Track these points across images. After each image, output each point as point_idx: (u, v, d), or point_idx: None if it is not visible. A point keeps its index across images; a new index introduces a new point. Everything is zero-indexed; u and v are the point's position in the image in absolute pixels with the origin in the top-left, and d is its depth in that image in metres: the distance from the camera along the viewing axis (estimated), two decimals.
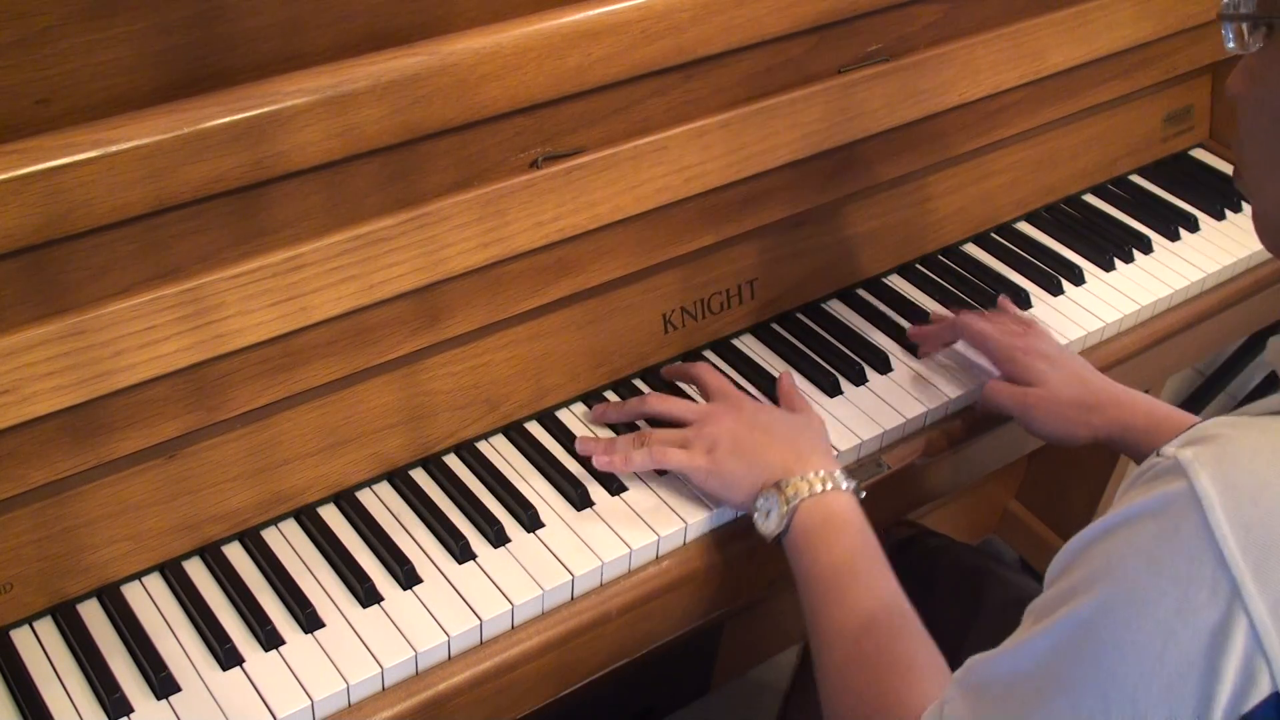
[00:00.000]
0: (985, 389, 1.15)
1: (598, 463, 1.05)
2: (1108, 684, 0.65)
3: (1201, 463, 0.63)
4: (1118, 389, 1.12)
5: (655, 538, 1.02)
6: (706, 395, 1.10)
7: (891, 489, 1.14)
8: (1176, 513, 0.63)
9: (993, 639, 0.73)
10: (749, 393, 1.13)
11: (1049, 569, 0.72)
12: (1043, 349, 1.14)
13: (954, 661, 1.11)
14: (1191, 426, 0.68)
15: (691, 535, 1.04)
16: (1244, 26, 0.71)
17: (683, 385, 1.16)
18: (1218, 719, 0.62)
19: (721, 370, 1.18)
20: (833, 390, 1.17)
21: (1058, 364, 1.13)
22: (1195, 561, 0.62)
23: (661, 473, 1.07)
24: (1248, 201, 0.77)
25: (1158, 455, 0.66)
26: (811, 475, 0.97)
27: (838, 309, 1.28)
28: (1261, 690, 0.61)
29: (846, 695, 0.87)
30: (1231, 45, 0.73)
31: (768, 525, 0.97)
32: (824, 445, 1.05)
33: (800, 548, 0.95)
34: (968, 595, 1.17)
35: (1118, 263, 1.37)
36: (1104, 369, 1.27)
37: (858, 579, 0.92)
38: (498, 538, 1.00)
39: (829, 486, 0.97)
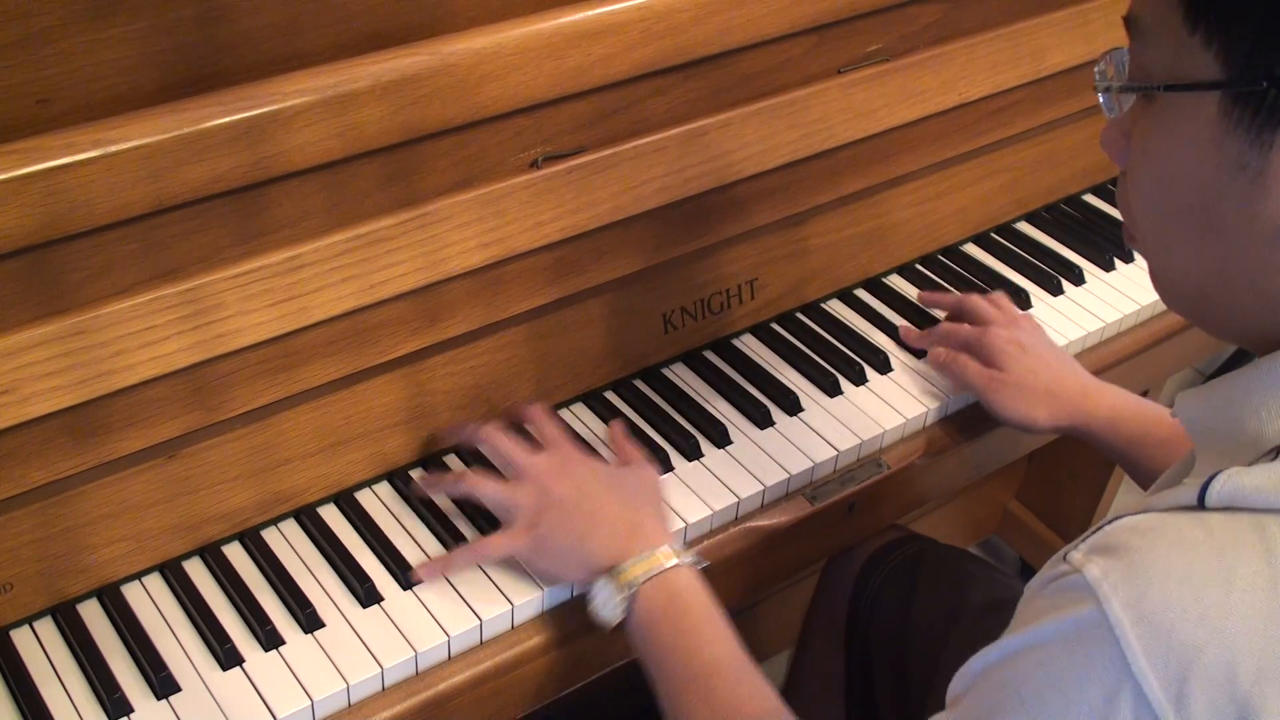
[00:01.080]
0: (953, 360, 1.15)
1: (417, 574, 0.96)
2: None
3: (1112, 585, 0.59)
4: (1090, 381, 1.12)
5: None
6: (540, 440, 1.03)
7: (891, 489, 1.14)
8: (1090, 642, 0.59)
9: (977, 643, 0.71)
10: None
11: (950, 684, 0.68)
12: (1019, 338, 1.14)
13: (937, 666, 1.12)
14: (1098, 527, 0.64)
15: (691, 535, 1.04)
16: (1115, 98, 0.71)
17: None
18: None
19: (722, 371, 1.18)
20: (833, 390, 1.17)
21: (1031, 352, 1.13)
22: (1114, 696, 0.58)
23: (660, 472, 1.07)
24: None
25: (1064, 561, 0.63)
26: (647, 555, 0.91)
27: (838, 309, 1.28)
28: None
29: None
30: (1113, 113, 0.72)
31: (605, 614, 0.92)
32: (657, 511, 0.98)
33: (645, 638, 0.90)
34: (950, 598, 1.17)
35: (1118, 263, 1.37)
36: (1104, 369, 1.27)
37: (714, 671, 0.87)
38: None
39: (665, 565, 0.91)
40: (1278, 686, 0.57)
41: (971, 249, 1.38)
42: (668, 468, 1.08)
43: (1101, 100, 0.72)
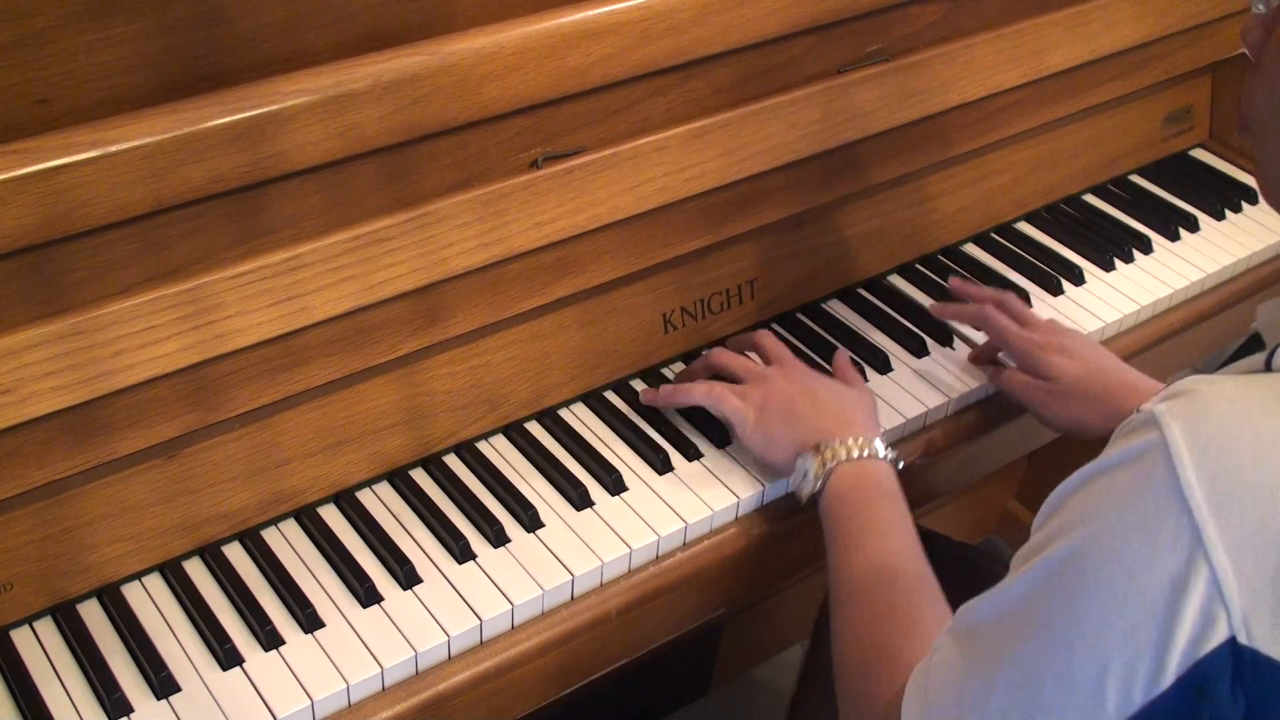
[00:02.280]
0: (1003, 377, 1.17)
1: (646, 396, 1.10)
2: (1074, 627, 0.67)
3: (1174, 414, 0.65)
4: (1136, 378, 1.13)
5: (655, 538, 1.02)
6: (765, 360, 1.12)
7: None
8: (1148, 462, 0.65)
9: None
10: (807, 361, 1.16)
11: (1036, 517, 0.74)
12: (1061, 343, 1.15)
13: None
14: (1169, 383, 0.70)
15: (691, 535, 1.04)
16: None
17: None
18: (1175, 662, 0.64)
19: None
20: None
21: (1075, 356, 1.13)
22: (1162, 509, 0.63)
23: (661, 472, 1.07)
24: (1250, 153, 0.79)
25: (1138, 411, 0.68)
26: (850, 441, 1.00)
27: (838, 309, 1.28)
28: (1219, 636, 0.63)
29: (854, 648, 0.89)
30: (1260, 8, 0.75)
31: (804, 486, 1.00)
32: (869, 417, 1.07)
33: (831, 509, 0.98)
34: (961, 592, 1.17)
35: (1118, 263, 1.37)
36: None
37: (879, 539, 0.94)
38: (498, 538, 1.00)
39: (866, 453, 0.99)
40: None
41: (971, 249, 1.38)
42: (668, 468, 1.08)
43: None
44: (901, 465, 1.02)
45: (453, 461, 1.07)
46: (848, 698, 0.88)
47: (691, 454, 1.09)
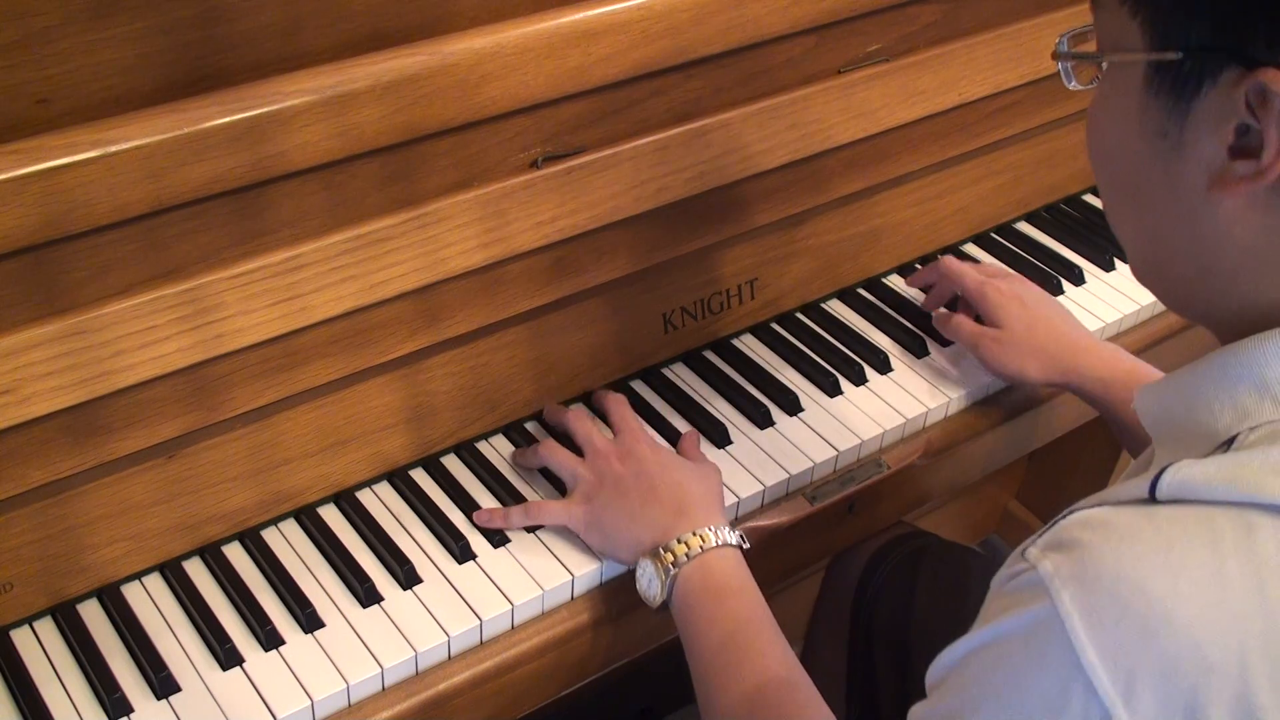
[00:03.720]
0: (952, 322, 1.17)
1: (478, 518, 1.02)
2: None
3: (1062, 580, 0.60)
4: (1087, 337, 1.13)
5: None
6: (611, 428, 1.07)
7: (891, 489, 1.14)
8: (1043, 638, 0.60)
9: None
10: (692, 421, 1.13)
11: (928, 674, 0.70)
12: (1019, 292, 1.16)
13: None
14: (1055, 522, 0.65)
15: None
16: (1069, 67, 0.73)
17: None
18: None
19: (720, 371, 1.18)
20: (833, 390, 1.17)
21: (1029, 307, 1.14)
22: (1066, 691, 0.59)
23: None
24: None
25: (1023, 558, 0.64)
26: (689, 536, 0.94)
27: (838, 309, 1.28)
28: None
29: None
30: (1072, 84, 0.75)
31: (650, 593, 0.95)
32: (709, 497, 1.00)
33: (684, 617, 0.93)
34: (953, 594, 1.17)
35: (1118, 263, 1.37)
36: None
37: (745, 647, 0.89)
38: (498, 538, 1.00)
39: (707, 545, 0.94)
40: (1223, 679, 0.57)
41: (971, 249, 1.38)
42: None
43: (1060, 70, 0.75)
44: (747, 545, 0.97)
45: (452, 461, 1.07)
46: None
47: None
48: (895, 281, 1.33)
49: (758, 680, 0.87)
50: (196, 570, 0.97)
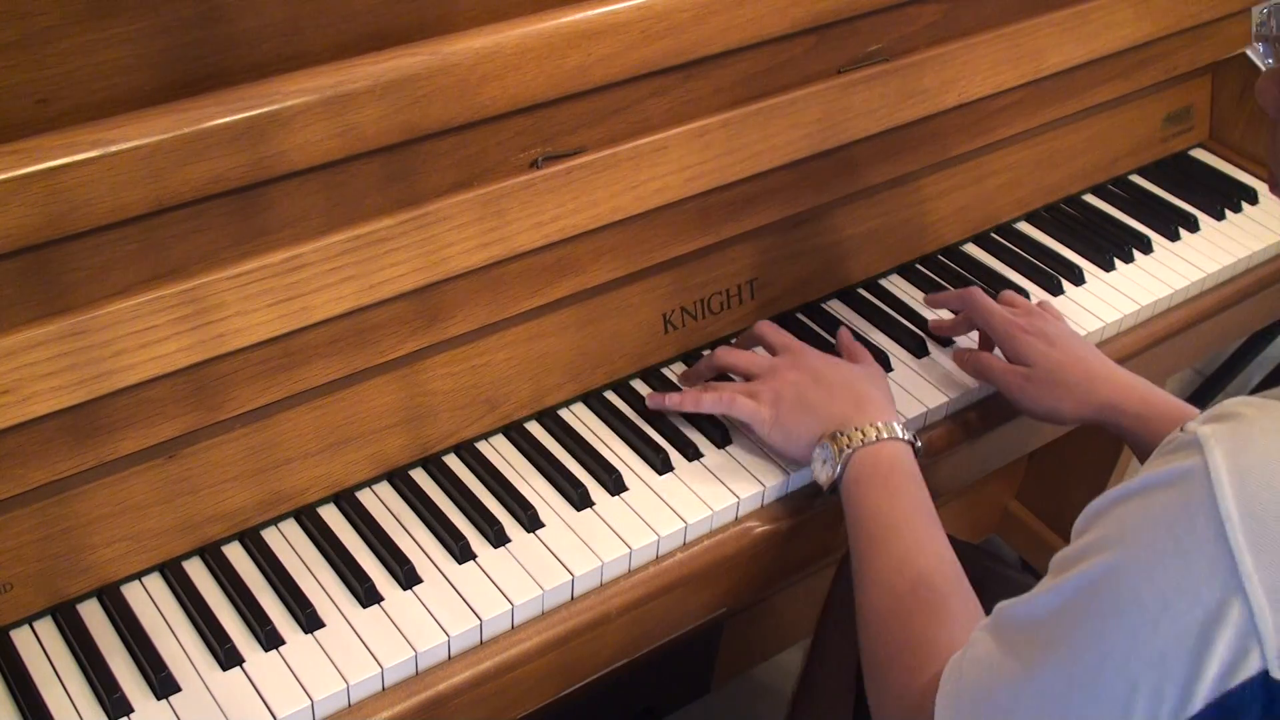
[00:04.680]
0: (981, 361, 1.16)
1: (653, 402, 1.10)
2: (1104, 646, 0.67)
3: (1217, 439, 0.64)
4: (1118, 373, 1.12)
5: (655, 538, 1.02)
6: (771, 350, 1.12)
7: None
8: (1188, 488, 0.64)
9: None
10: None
11: (1076, 523, 0.74)
12: (1044, 329, 1.15)
13: None
14: (1217, 404, 0.69)
15: (691, 535, 1.04)
16: (1277, 47, 0.75)
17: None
18: (1203, 692, 0.64)
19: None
20: None
21: (1057, 345, 1.13)
22: (1200, 538, 0.63)
23: (661, 472, 1.07)
24: None
25: (1182, 430, 0.68)
26: (866, 425, 1.00)
27: (838, 309, 1.28)
28: (1251, 668, 0.63)
29: (883, 639, 0.90)
30: (1270, 63, 0.75)
31: (823, 472, 1.01)
32: (883, 396, 1.07)
33: (851, 495, 0.98)
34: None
35: (1118, 263, 1.37)
36: None
37: (902, 529, 0.95)
38: (498, 538, 1.00)
39: (883, 436, 1.00)
40: None
41: (971, 249, 1.38)
42: (668, 468, 1.08)
43: (1260, 49, 0.75)
44: (920, 445, 1.03)
45: (453, 461, 1.07)
46: (878, 686, 0.89)
47: (691, 454, 1.09)
48: (895, 281, 1.33)
49: (912, 556, 0.92)
50: (196, 570, 0.97)
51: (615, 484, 1.05)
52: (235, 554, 0.98)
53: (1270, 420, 0.65)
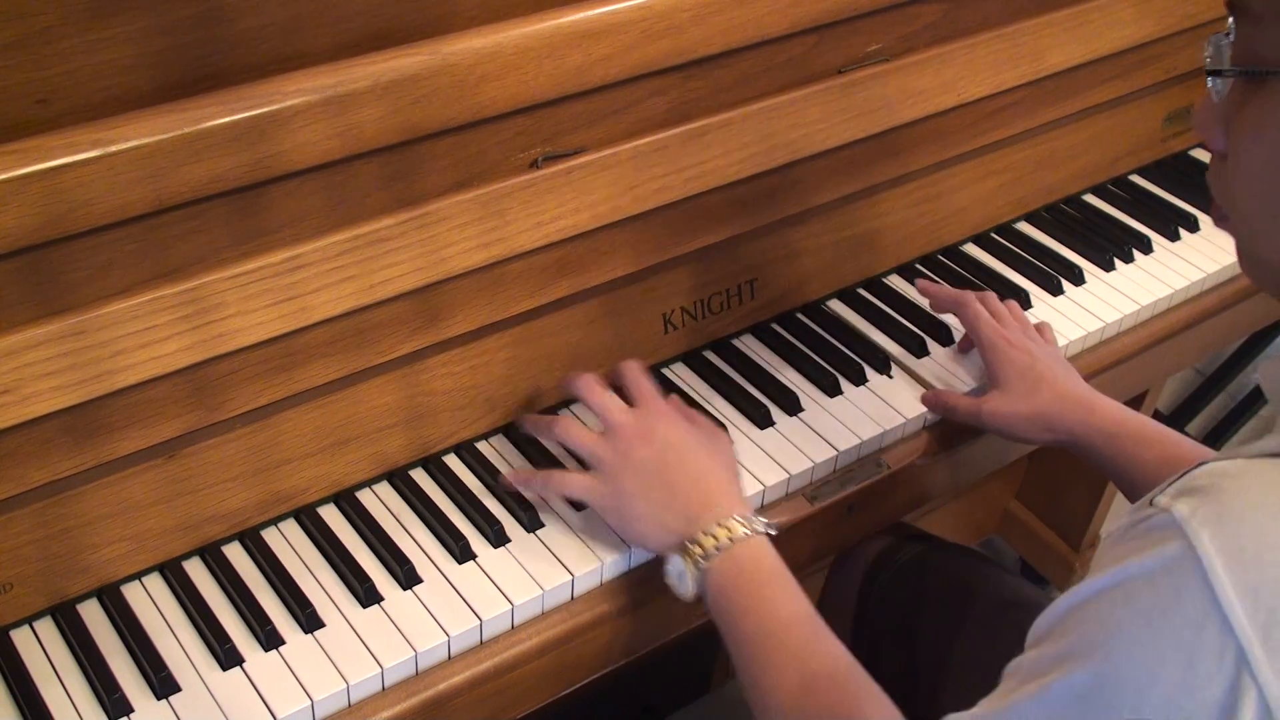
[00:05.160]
0: (941, 401, 1.15)
1: (505, 480, 1.03)
2: None
3: (1201, 520, 0.60)
4: (1094, 396, 1.10)
5: None
6: (630, 400, 1.03)
7: (891, 489, 1.14)
8: (1177, 577, 0.60)
9: (985, 643, 0.71)
10: (709, 409, 1.12)
11: (1034, 626, 0.69)
12: (1029, 346, 1.14)
13: (945, 665, 1.12)
14: (1184, 473, 0.65)
15: None
16: (1234, 81, 0.70)
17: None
18: None
19: (720, 371, 1.18)
20: (833, 390, 1.17)
21: (1036, 362, 1.12)
22: (1200, 629, 0.59)
23: None
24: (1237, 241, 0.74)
25: (1150, 505, 0.64)
26: (717, 528, 0.92)
27: (838, 309, 1.28)
28: None
29: None
30: (1218, 96, 0.71)
31: (683, 589, 0.94)
32: (729, 478, 0.99)
33: (721, 609, 0.91)
34: (959, 597, 1.17)
35: (1118, 263, 1.37)
36: (1104, 369, 1.27)
37: (789, 635, 0.88)
38: (498, 538, 1.00)
39: (737, 535, 0.92)
40: None
41: (971, 249, 1.38)
42: None
43: (1210, 84, 0.72)
44: (774, 533, 0.95)
45: (453, 461, 1.07)
46: None
47: None
48: (895, 281, 1.33)
49: (807, 672, 0.86)
50: (196, 570, 0.97)
51: None
52: (235, 554, 0.98)
53: (1250, 491, 0.61)
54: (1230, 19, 0.69)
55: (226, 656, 0.91)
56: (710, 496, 0.96)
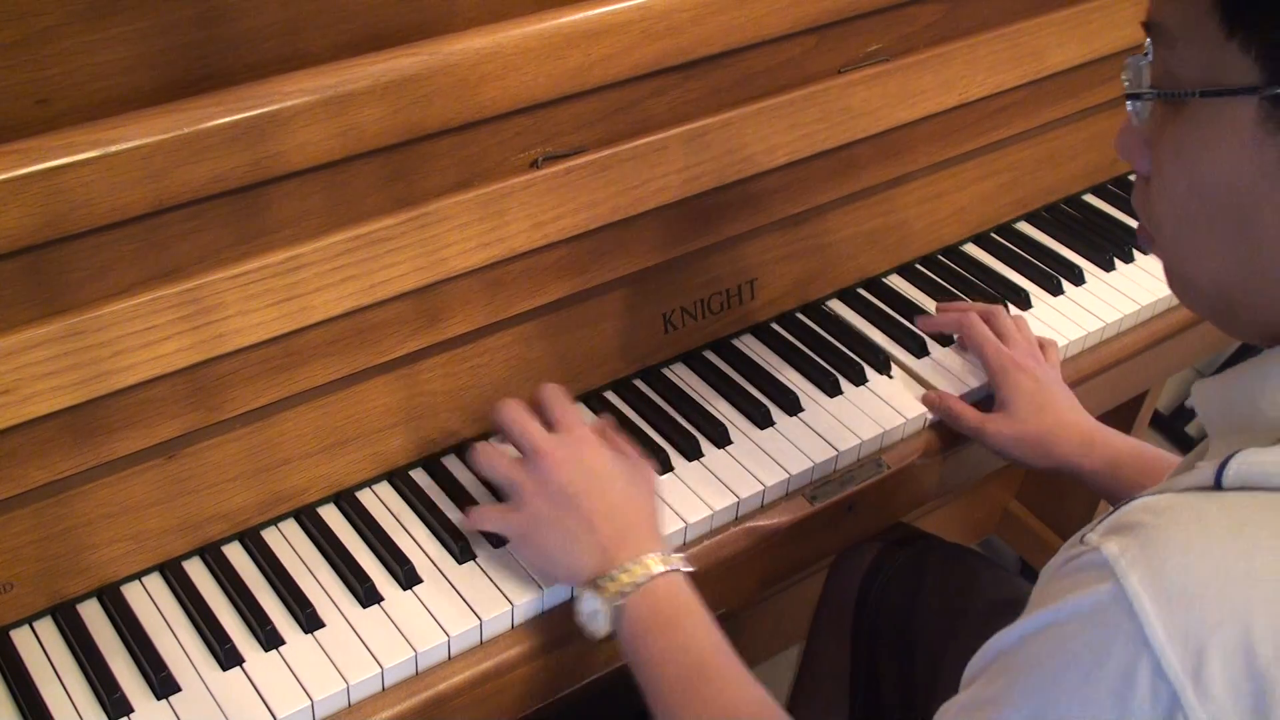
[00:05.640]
0: (945, 404, 1.15)
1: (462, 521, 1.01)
2: None
3: (1130, 561, 0.59)
4: (1095, 427, 1.11)
5: None
6: (549, 424, 1.00)
7: (891, 489, 1.14)
8: (1108, 619, 0.59)
9: (980, 639, 0.71)
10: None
11: (969, 665, 0.68)
12: (1035, 371, 1.14)
13: (943, 665, 1.12)
14: (1116, 508, 0.64)
15: (691, 535, 1.04)
16: (1154, 103, 0.69)
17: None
18: None
19: (720, 371, 1.18)
20: (833, 390, 1.17)
21: (1042, 388, 1.13)
22: (1133, 673, 0.58)
23: (662, 471, 1.07)
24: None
25: (1081, 542, 0.63)
26: (632, 565, 0.90)
27: (838, 309, 1.28)
28: None
29: None
30: (1140, 120, 0.71)
31: (594, 626, 0.92)
32: (649, 512, 0.97)
33: (634, 646, 0.89)
34: (956, 596, 1.17)
35: (1118, 263, 1.37)
36: (1104, 369, 1.27)
37: (707, 675, 0.87)
38: (498, 538, 1.00)
39: (652, 572, 0.90)
40: None
41: (971, 249, 1.38)
42: (668, 468, 1.08)
43: (1130, 107, 0.72)
44: (691, 569, 0.93)
45: (452, 462, 1.07)
46: None
47: (692, 453, 1.09)
48: (895, 281, 1.33)
49: (728, 707, 0.85)
50: (196, 570, 0.97)
51: None
52: (235, 554, 0.98)
53: (1179, 530, 0.60)
54: (1148, 40, 0.69)
55: (226, 656, 0.91)
56: (626, 531, 0.93)
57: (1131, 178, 1.43)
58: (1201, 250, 0.69)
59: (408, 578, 0.97)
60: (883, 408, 1.16)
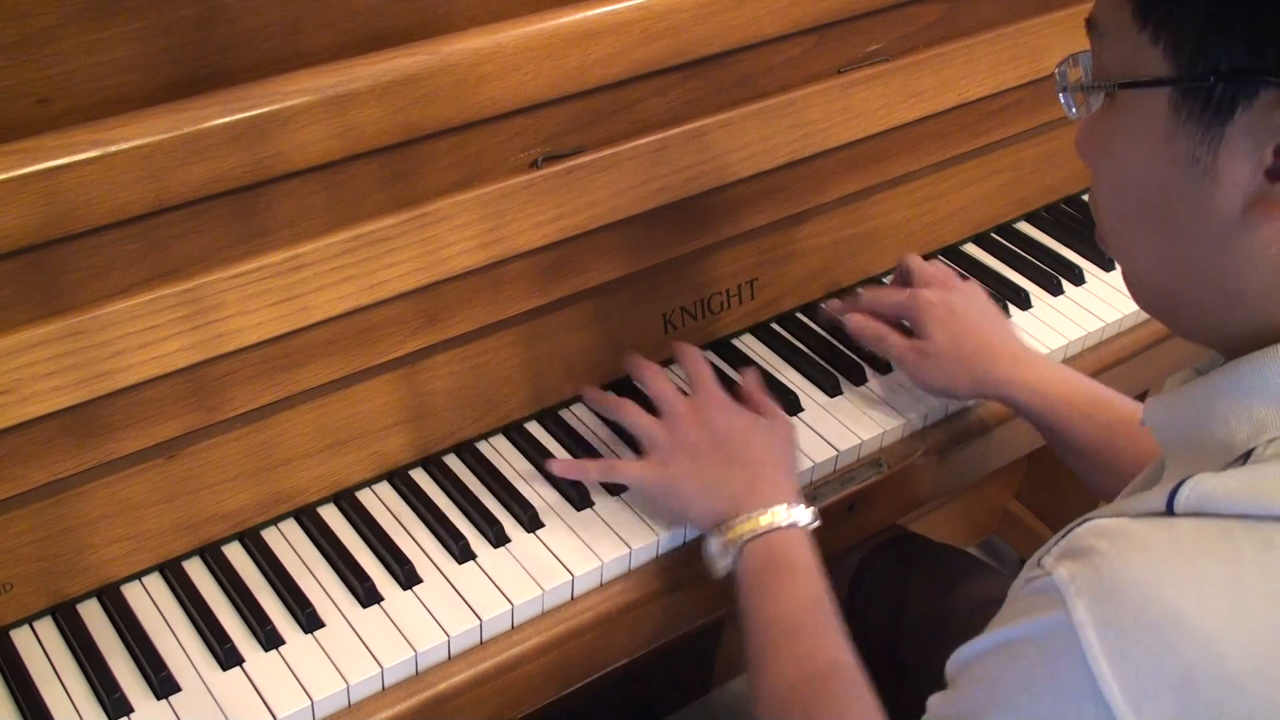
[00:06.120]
0: (874, 328, 1.14)
1: (553, 466, 1.04)
2: None
3: (1077, 589, 0.60)
4: (1020, 349, 1.10)
5: (655, 538, 1.02)
6: (687, 382, 1.07)
7: (891, 489, 1.14)
8: (1056, 646, 0.60)
9: (968, 638, 0.72)
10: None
11: (949, 662, 0.70)
12: (949, 299, 1.12)
13: (933, 659, 1.11)
14: (1069, 529, 0.65)
15: (690, 535, 1.04)
16: (1083, 95, 0.70)
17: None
18: None
19: (722, 371, 1.18)
20: (833, 390, 1.17)
21: (958, 315, 1.11)
22: (1079, 700, 0.59)
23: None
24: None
25: (1038, 565, 0.64)
26: (759, 514, 0.95)
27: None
28: None
29: None
30: (1074, 113, 0.71)
31: (715, 566, 0.97)
32: (780, 467, 1.00)
33: (744, 592, 0.94)
34: (944, 595, 1.17)
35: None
36: (1104, 369, 1.27)
37: (794, 634, 0.90)
38: (498, 538, 1.00)
39: (776, 524, 0.95)
40: (1240, 693, 0.57)
41: (971, 249, 1.38)
42: None
43: (1061, 100, 0.73)
44: (817, 524, 0.97)
45: (453, 461, 1.07)
46: None
47: None
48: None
49: (810, 662, 0.88)
50: (196, 570, 0.97)
51: (614, 486, 1.05)
52: (235, 554, 0.98)
53: (1129, 558, 0.60)
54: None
55: (226, 656, 0.91)
56: (757, 482, 0.97)
57: None
58: (1136, 247, 0.70)
59: (408, 578, 0.97)
60: (882, 408, 1.16)
